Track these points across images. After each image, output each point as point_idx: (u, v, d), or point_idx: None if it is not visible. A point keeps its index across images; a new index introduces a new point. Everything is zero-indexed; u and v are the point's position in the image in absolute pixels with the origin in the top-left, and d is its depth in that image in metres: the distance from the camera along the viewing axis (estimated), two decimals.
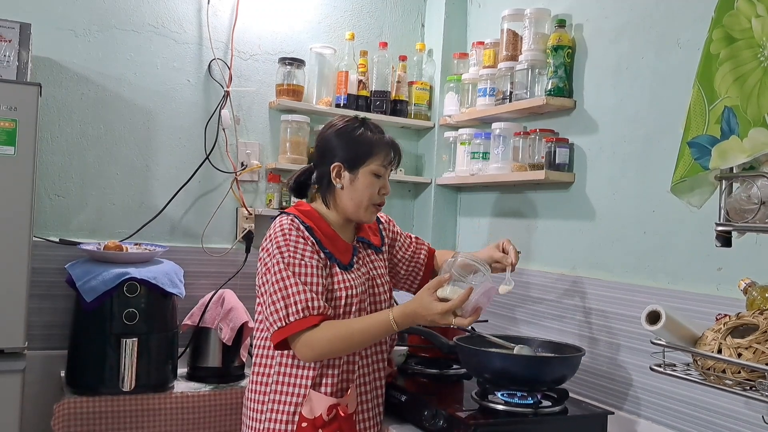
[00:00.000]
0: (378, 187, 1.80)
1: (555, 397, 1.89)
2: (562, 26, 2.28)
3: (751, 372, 1.26)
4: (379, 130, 1.83)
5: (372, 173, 1.78)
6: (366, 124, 1.82)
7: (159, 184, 2.61)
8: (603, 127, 2.17)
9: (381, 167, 1.79)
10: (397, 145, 1.84)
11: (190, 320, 2.44)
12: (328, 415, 1.69)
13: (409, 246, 2.06)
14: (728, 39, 1.27)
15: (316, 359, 1.70)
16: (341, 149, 1.79)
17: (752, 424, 1.62)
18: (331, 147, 1.81)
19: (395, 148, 1.83)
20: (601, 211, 2.16)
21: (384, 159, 1.79)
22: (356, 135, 1.79)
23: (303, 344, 1.64)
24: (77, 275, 2.19)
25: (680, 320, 1.41)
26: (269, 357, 1.76)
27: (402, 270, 2.05)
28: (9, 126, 1.92)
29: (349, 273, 1.78)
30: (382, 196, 1.82)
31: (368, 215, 1.82)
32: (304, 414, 1.70)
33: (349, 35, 2.83)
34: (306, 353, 1.66)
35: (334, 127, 1.83)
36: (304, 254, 1.69)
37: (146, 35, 2.59)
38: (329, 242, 1.77)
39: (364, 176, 1.78)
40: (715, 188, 1.34)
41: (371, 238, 1.93)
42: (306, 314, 1.63)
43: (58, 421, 2.07)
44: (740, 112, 1.24)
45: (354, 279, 1.78)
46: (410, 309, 1.66)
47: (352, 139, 1.78)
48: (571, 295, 2.22)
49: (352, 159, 1.77)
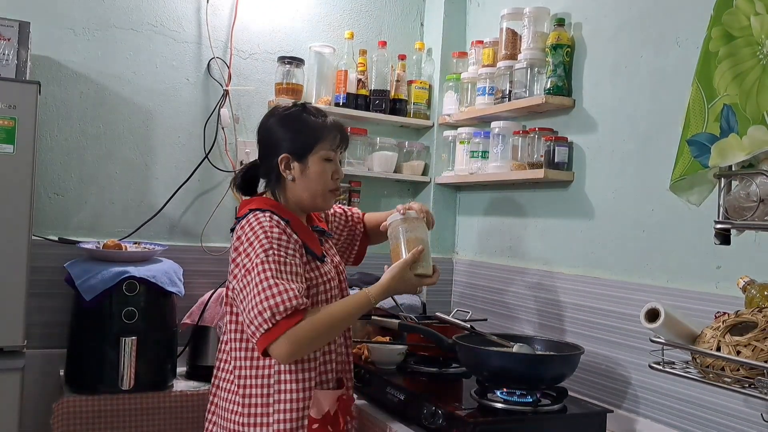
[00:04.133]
0: (330, 172, 1.73)
1: (554, 395, 1.89)
2: (561, 25, 2.29)
3: (749, 369, 1.26)
4: (321, 113, 1.75)
5: (322, 159, 1.71)
6: (307, 109, 1.75)
7: (158, 182, 2.61)
8: (602, 126, 2.17)
9: (330, 151, 1.72)
10: (342, 126, 1.77)
11: (190, 319, 2.44)
12: (336, 407, 1.67)
13: (345, 225, 2.00)
14: (727, 37, 1.27)
15: (297, 355, 1.58)
16: (286, 139, 1.71)
17: (751, 422, 1.62)
18: (275, 138, 1.72)
19: (341, 129, 1.76)
20: (600, 209, 2.16)
21: (332, 142, 1.72)
22: (299, 122, 1.71)
23: (286, 341, 1.52)
24: (76, 274, 2.18)
25: (679, 318, 1.41)
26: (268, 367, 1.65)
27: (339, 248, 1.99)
28: (8, 124, 1.92)
29: (325, 265, 1.74)
30: (336, 180, 1.75)
31: (326, 202, 1.77)
32: (313, 416, 1.64)
33: (349, 34, 2.83)
34: (288, 349, 1.53)
35: (274, 116, 1.75)
36: (287, 252, 1.61)
37: (145, 34, 2.59)
38: (304, 235, 1.71)
39: (315, 164, 1.70)
40: (714, 186, 1.34)
41: (321, 224, 1.88)
42: (291, 312, 1.53)
43: (58, 419, 2.06)
44: (739, 110, 1.24)
45: (330, 270, 1.74)
46: (391, 285, 1.69)
47: (295, 127, 1.71)
48: (570, 294, 2.23)
49: (299, 148, 1.70)
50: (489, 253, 2.70)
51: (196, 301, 2.49)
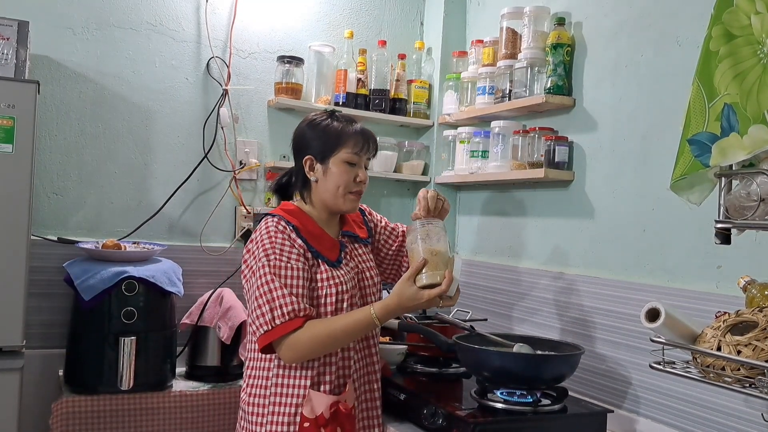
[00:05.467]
0: (353, 175, 1.79)
1: (554, 395, 1.89)
2: (561, 24, 2.28)
3: (750, 369, 1.25)
4: (348, 119, 1.83)
5: (343, 162, 1.78)
6: (334, 115, 1.84)
7: (157, 182, 2.61)
8: (602, 125, 2.17)
9: (353, 155, 1.78)
10: (368, 132, 1.83)
11: (189, 319, 2.43)
12: (330, 413, 1.69)
13: (395, 240, 2.02)
14: (728, 36, 1.27)
15: (300, 360, 1.69)
16: (311, 142, 1.80)
17: (751, 421, 1.62)
18: (303, 141, 1.83)
19: (366, 135, 1.82)
20: (601, 209, 2.15)
21: (354, 147, 1.78)
22: (323, 126, 1.80)
23: (287, 346, 1.65)
24: (75, 274, 2.18)
25: (679, 318, 1.40)
26: (267, 360, 1.75)
27: (386, 264, 2.02)
28: (7, 124, 1.92)
29: (338, 269, 1.77)
30: (359, 183, 1.81)
31: (348, 204, 1.81)
32: (306, 414, 1.69)
33: (348, 33, 2.83)
34: (289, 355, 1.66)
35: (304, 122, 1.86)
36: (290, 257, 1.69)
37: (145, 33, 2.58)
38: (315, 241, 1.77)
39: (336, 165, 1.78)
40: (715, 185, 1.33)
41: (357, 231, 1.92)
42: (291, 317, 1.63)
43: (57, 419, 2.06)
44: (740, 109, 1.23)
45: (343, 275, 1.77)
46: (393, 303, 1.68)
47: (320, 131, 1.80)
48: (571, 294, 2.22)
49: (321, 150, 1.78)
50: (489, 253, 2.70)
51: (196, 301, 2.49)
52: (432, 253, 1.67)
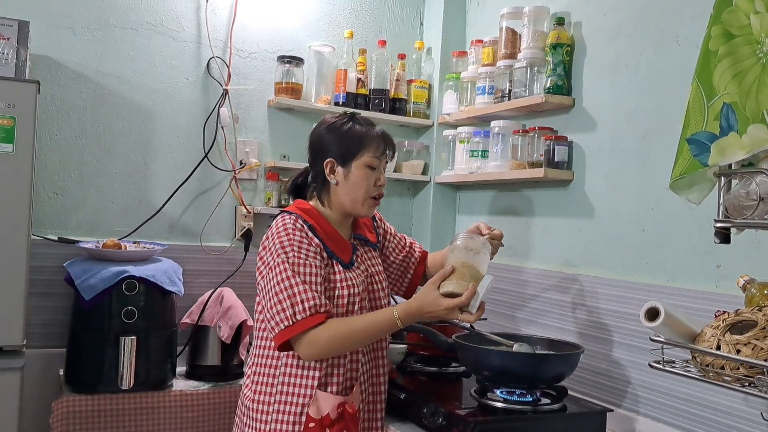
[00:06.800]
0: (374, 180, 1.79)
1: (554, 394, 1.89)
2: (560, 24, 2.28)
3: (749, 368, 1.26)
4: (369, 123, 1.83)
5: (365, 165, 1.78)
6: (355, 119, 1.83)
7: (158, 182, 2.61)
8: (602, 125, 2.17)
9: (374, 159, 1.78)
10: (388, 136, 1.83)
11: (189, 318, 2.44)
12: (336, 414, 1.69)
13: (401, 250, 2.02)
14: (727, 35, 1.27)
15: (318, 357, 1.68)
16: (332, 145, 1.79)
17: (751, 420, 1.62)
18: (322, 144, 1.81)
19: (386, 139, 1.82)
20: (600, 208, 2.16)
21: (376, 150, 1.78)
22: (345, 129, 1.79)
23: (306, 343, 1.63)
24: (76, 273, 2.18)
25: (679, 317, 1.41)
26: (275, 358, 1.73)
27: (389, 272, 2.02)
28: (7, 123, 1.92)
29: (351, 271, 1.77)
30: (379, 188, 1.81)
31: (367, 209, 1.81)
32: (312, 414, 1.68)
33: (348, 33, 2.83)
34: (307, 352, 1.64)
35: (324, 124, 1.84)
36: (308, 254, 1.68)
37: (145, 33, 2.59)
38: (330, 241, 1.77)
39: (358, 169, 1.77)
40: (714, 185, 1.34)
41: (367, 234, 1.92)
42: (313, 312, 1.62)
43: (57, 419, 2.06)
44: (739, 109, 1.24)
45: (355, 277, 1.77)
46: (415, 306, 1.66)
47: (341, 134, 1.78)
48: (570, 293, 2.23)
49: (343, 153, 1.77)
50: None
51: (196, 300, 2.49)
52: (463, 265, 1.65)
